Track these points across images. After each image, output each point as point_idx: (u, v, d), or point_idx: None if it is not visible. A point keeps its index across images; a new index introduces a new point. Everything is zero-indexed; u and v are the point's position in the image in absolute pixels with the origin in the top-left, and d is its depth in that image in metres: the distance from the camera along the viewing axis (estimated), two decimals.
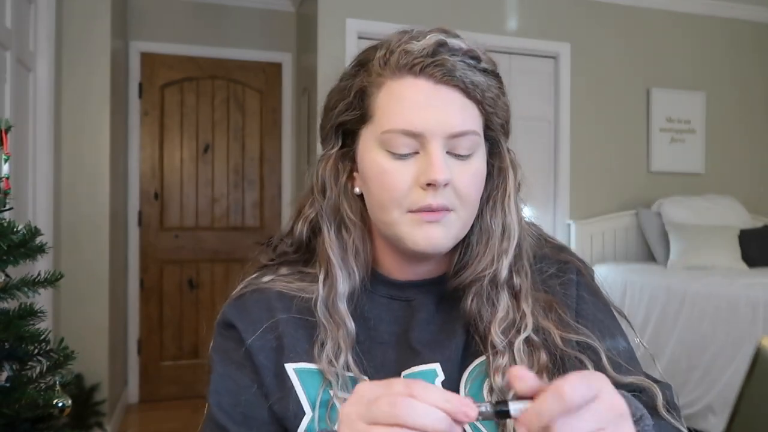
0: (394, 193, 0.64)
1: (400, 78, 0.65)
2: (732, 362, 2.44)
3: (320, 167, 0.71)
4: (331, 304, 0.67)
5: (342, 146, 0.71)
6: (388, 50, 0.66)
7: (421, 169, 0.63)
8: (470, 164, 0.66)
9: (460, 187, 0.65)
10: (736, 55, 3.95)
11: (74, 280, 2.54)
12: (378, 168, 0.65)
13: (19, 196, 2.09)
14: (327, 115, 0.71)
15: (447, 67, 0.63)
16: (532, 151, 3.47)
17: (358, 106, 0.67)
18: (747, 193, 3.90)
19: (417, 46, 0.64)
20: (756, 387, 1.12)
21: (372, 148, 0.66)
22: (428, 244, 0.64)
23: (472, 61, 0.65)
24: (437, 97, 0.64)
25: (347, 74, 0.70)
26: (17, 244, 1.28)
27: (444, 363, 0.67)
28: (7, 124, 1.36)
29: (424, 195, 0.63)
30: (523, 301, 0.69)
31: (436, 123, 0.63)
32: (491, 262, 0.68)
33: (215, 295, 3.66)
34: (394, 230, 0.66)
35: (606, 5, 3.65)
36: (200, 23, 3.64)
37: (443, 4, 3.30)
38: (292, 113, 3.82)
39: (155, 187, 3.63)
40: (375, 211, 0.68)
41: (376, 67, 0.66)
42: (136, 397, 3.56)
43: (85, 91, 2.72)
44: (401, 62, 0.64)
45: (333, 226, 0.70)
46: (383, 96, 0.65)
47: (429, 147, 0.63)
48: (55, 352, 1.37)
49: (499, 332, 0.67)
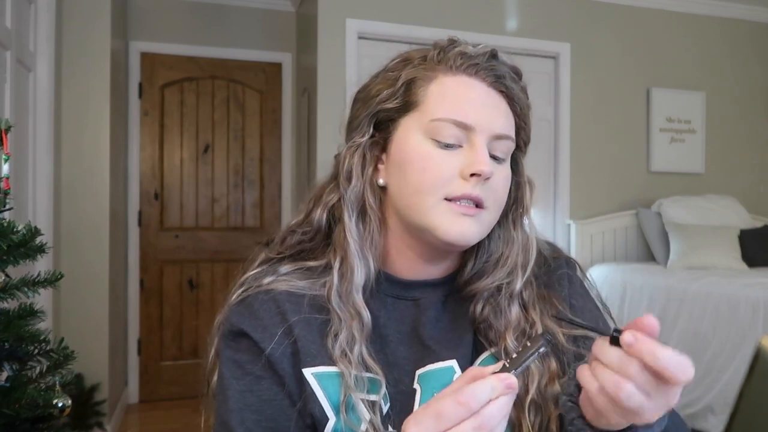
0: (437, 180, 0.65)
1: (454, 75, 0.68)
2: (732, 362, 2.44)
3: (348, 154, 0.71)
4: (345, 293, 0.67)
5: (371, 136, 0.71)
6: (442, 49, 0.69)
7: (467, 160, 0.65)
8: (504, 168, 0.69)
9: (496, 187, 0.67)
10: (736, 55, 3.95)
11: (74, 280, 2.55)
12: (421, 154, 0.66)
13: (19, 196, 2.09)
14: (364, 104, 0.72)
15: (499, 74, 0.68)
16: (532, 151, 3.37)
17: (403, 95, 0.69)
18: (747, 193, 3.90)
19: (473, 50, 0.68)
20: (756, 387, 1.12)
21: (415, 136, 0.67)
22: (459, 236, 0.65)
23: (516, 77, 0.71)
24: (489, 98, 0.67)
25: (391, 67, 0.71)
26: (17, 244, 1.28)
27: (459, 359, 0.68)
28: (7, 124, 1.36)
29: (465, 185, 0.65)
30: (531, 310, 0.71)
31: (486, 120, 0.66)
32: (509, 273, 0.70)
33: (215, 295, 3.66)
34: (425, 217, 0.66)
35: (606, 5, 3.65)
36: (200, 23, 3.64)
37: (443, 4, 3.30)
38: (292, 113, 3.82)
39: (155, 187, 3.63)
40: (407, 197, 0.67)
41: (429, 62, 0.69)
42: (136, 397, 3.56)
43: (85, 91, 2.72)
44: (458, 61, 0.67)
45: (355, 213, 0.70)
46: (435, 87, 0.67)
47: (476, 141, 0.65)
48: (55, 352, 1.37)
49: (513, 339, 0.68)
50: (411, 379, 0.68)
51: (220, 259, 3.69)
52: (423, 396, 0.66)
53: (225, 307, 0.71)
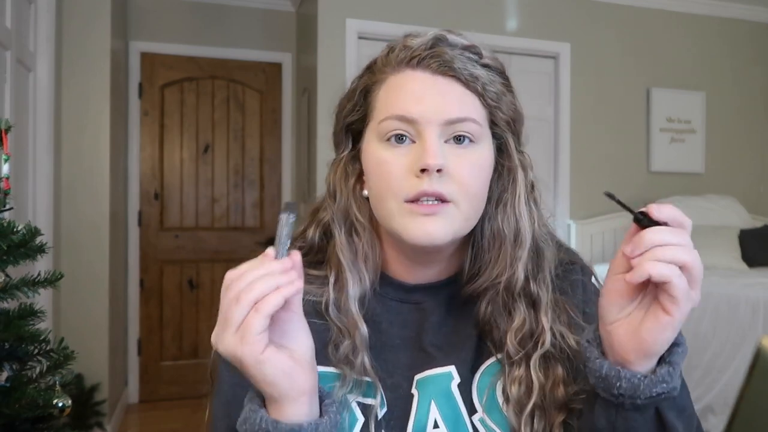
0: (391, 182, 0.63)
1: (399, 72, 0.66)
2: (732, 362, 2.44)
3: (331, 172, 0.72)
4: (342, 306, 0.67)
5: (352, 149, 0.71)
6: (390, 49, 0.68)
7: (416, 156, 0.63)
8: (471, 152, 0.65)
9: (459, 176, 0.63)
10: (736, 55, 3.95)
11: (74, 280, 2.54)
12: (376, 159, 0.65)
13: (19, 196, 2.09)
14: (337, 120, 0.72)
15: (444, 58, 0.64)
16: (532, 151, 3.38)
17: (362, 105, 0.68)
18: (747, 193, 3.90)
19: (416, 41, 0.66)
20: (756, 387, 1.12)
21: (372, 142, 0.67)
22: (425, 237, 0.62)
23: (473, 56, 0.66)
24: (434, 86, 0.64)
25: (355, 78, 0.71)
26: (17, 244, 1.28)
27: (458, 365, 0.68)
28: (7, 124, 1.36)
29: (419, 182, 0.62)
30: (542, 313, 0.67)
31: (432, 110, 0.63)
32: (505, 269, 0.67)
33: (215, 295, 3.66)
34: (391, 223, 0.65)
35: (606, 5, 3.65)
36: (200, 23, 3.64)
37: (443, 4, 3.30)
38: (292, 113, 3.82)
39: (155, 187, 3.62)
40: (376, 205, 0.67)
41: (378, 66, 0.68)
42: (136, 397, 3.56)
43: (85, 91, 2.72)
44: (400, 56, 0.66)
45: (343, 229, 0.69)
46: (383, 90, 0.67)
47: (424, 134, 0.63)
48: (55, 352, 1.37)
49: (516, 342, 0.66)
50: (409, 384, 0.67)
51: (220, 259, 3.69)
52: (420, 401, 0.66)
53: None
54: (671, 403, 0.56)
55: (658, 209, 0.52)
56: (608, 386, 0.55)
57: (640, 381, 0.54)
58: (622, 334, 0.55)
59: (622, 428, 0.56)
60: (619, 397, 0.55)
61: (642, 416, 0.55)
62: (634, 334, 0.54)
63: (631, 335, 0.54)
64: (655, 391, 0.54)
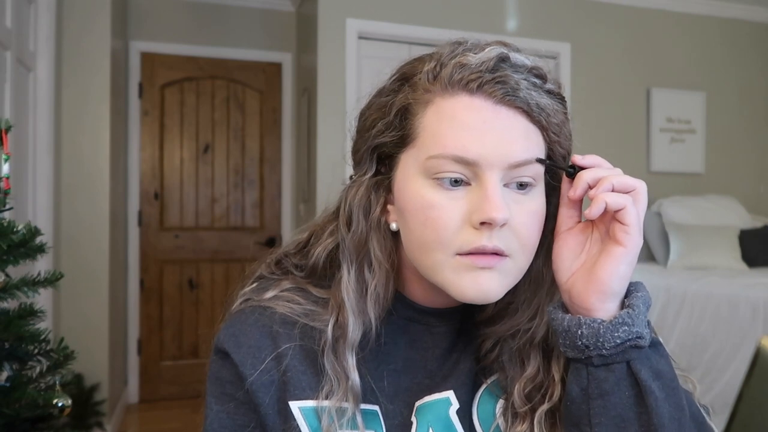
0: (441, 233, 0.55)
1: (452, 96, 0.56)
2: (732, 362, 2.44)
3: (349, 194, 0.62)
4: (340, 352, 0.60)
5: (376, 173, 0.62)
6: (438, 63, 0.57)
7: (475, 204, 0.54)
8: (531, 200, 0.57)
9: (520, 228, 0.55)
10: (736, 55, 3.95)
11: (74, 280, 2.54)
12: (421, 201, 0.56)
13: (19, 196, 2.09)
14: (362, 136, 0.62)
15: (510, 85, 0.55)
16: None
17: (399, 127, 0.58)
18: (747, 193, 3.90)
19: (474, 59, 0.55)
20: (756, 387, 1.12)
21: (414, 177, 0.57)
22: (479, 294, 0.55)
23: (538, 81, 0.59)
24: (497, 119, 0.55)
25: (387, 89, 0.60)
26: (17, 244, 1.28)
27: (457, 390, 0.63)
28: (7, 124, 1.36)
29: (477, 235, 0.54)
30: (554, 363, 0.62)
31: (495, 150, 0.54)
32: (533, 316, 0.61)
33: (215, 295, 3.66)
34: (437, 277, 0.57)
35: (606, 5, 3.65)
36: (200, 23, 3.64)
37: (443, 4, 3.30)
38: (292, 113, 3.82)
39: (155, 187, 3.62)
40: (415, 252, 0.58)
41: (423, 82, 0.57)
42: (136, 397, 3.56)
43: (85, 91, 2.72)
44: (455, 77, 0.55)
45: (354, 265, 0.61)
46: (431, 116, 0.56)
47: (484, 178, 0.54)
48: (55, 352, 1.37)
49: (523, 394, 0.61)
50: (410, 412, 0.63)
51: (220, 259, 3.69)
52: (418, 429, 0.62)
53: (225, 316, 0.67)
54: (643, 360, 0.54)
55: (581, 158, 0.58)
56: (572, 339, 0.54)
57: (599, 325, 0.53)
58: (580, 284, 0.55)
59: (596, 393, 0.54)
60: (585, 350, 0.53)
61: (613, 375, 0.53)
62: (590, 277, 0.54)
63: (587, 279, 0.55)
64: (618, 336, 0.53)
